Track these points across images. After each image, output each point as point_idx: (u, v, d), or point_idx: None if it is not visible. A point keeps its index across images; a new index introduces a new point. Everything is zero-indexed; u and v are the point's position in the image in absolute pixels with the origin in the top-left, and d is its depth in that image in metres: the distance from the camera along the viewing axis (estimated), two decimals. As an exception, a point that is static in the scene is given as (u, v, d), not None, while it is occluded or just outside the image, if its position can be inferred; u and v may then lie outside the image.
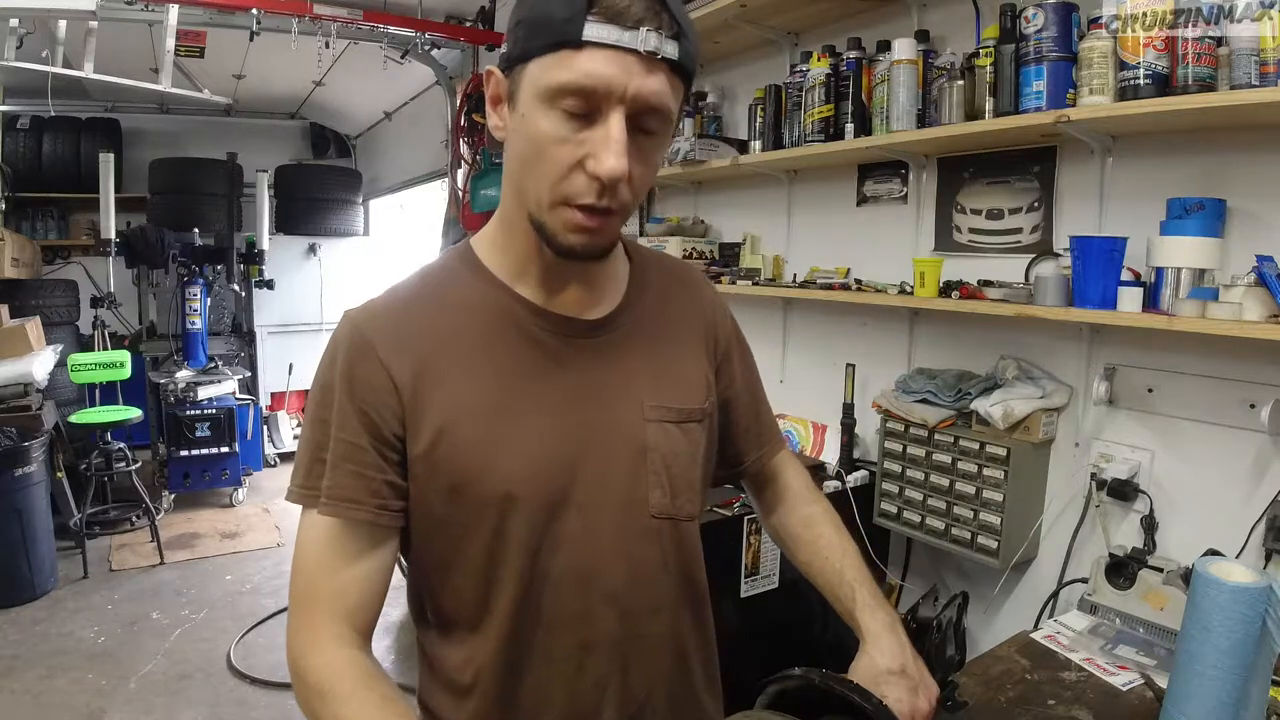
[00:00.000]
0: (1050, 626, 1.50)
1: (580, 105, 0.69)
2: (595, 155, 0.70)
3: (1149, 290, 1.43)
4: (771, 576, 1.83)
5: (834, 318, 2.29)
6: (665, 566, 0.86)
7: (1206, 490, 1.49)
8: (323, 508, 0.76)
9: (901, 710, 0.80)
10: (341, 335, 0.79)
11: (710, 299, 0.99)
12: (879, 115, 1.87)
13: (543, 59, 0.70)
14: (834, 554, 0.96)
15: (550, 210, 0.74)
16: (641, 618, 0.84)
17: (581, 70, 0.68)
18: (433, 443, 0.77)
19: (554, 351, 0.81)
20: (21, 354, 3.85)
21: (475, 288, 0.82)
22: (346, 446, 0.76)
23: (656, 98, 0.70)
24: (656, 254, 0.99)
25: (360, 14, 3.70)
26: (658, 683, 0.86)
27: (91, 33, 3.48)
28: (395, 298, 0.83)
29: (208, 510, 4.77)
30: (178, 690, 2.88)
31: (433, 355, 0.78)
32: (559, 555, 0.79)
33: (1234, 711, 0.95)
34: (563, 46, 0.68)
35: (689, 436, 0.87)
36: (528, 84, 0.71)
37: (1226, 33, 1.27)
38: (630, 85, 0.69)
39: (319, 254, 6.14)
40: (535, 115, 0.71)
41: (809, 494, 1.05)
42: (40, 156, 5.43)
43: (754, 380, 1.04)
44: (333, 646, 0.74)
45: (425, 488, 0.78)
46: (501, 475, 0.77)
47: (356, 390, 0.77)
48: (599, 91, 0.68)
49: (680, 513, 0.86)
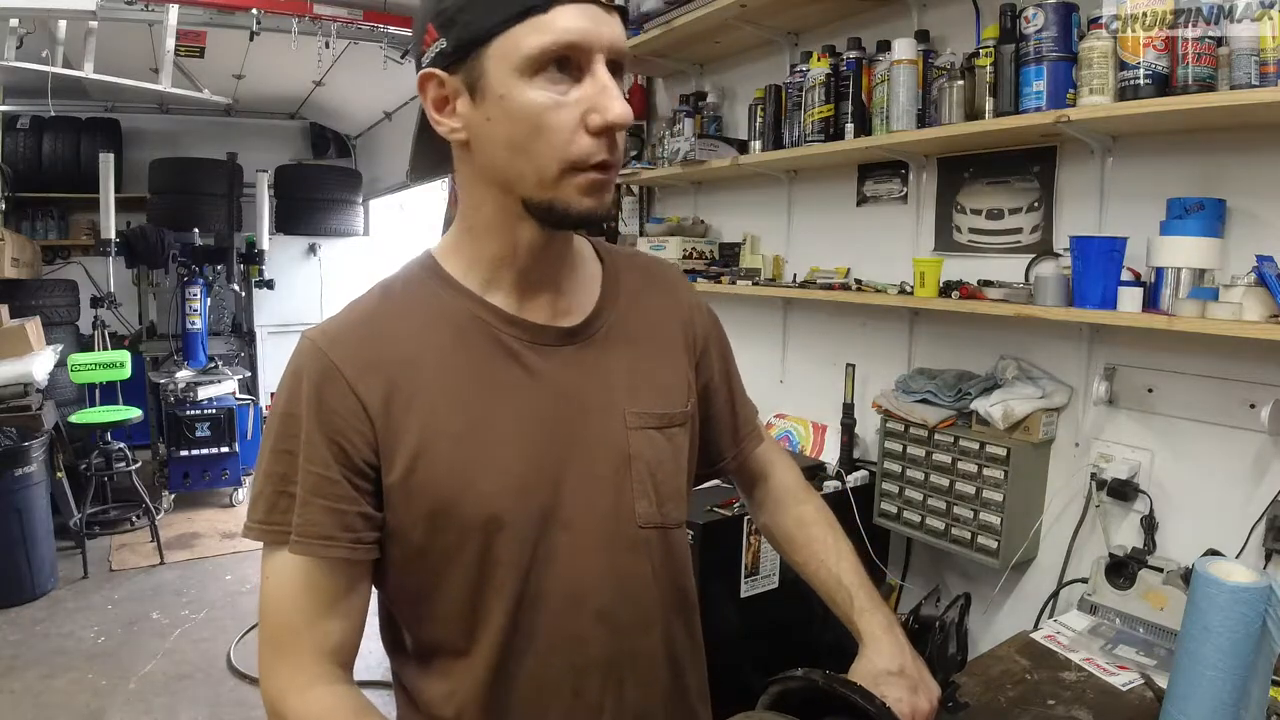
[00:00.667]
0: (1050, 626, 1.50)
1: (562, 65, 0.68)
2: (598, 107, 0.69)
3: (1149, 290, 1.43)
4: (771, 576, 1.83)
5: (834, 318, 2.29)
6: (654, 578, 0.84)
7: (1206, 490, 1.49)
8: (294, 546, 0.72)
9: (903, 710, 0.80)
10: (304, 360, 0.74)
11: (686, 295, 0.96)
12: (879, 115, 1.87)
13: (511, 31, 0.68)
14: (830, 556, 0.95)
15: (558, 182, 0.71)
16: (634, 634, 0.82)
17: (560, 28, 0.67)
18: (409, 469, 0.73)
19: (529, 362, 0.78)
20: (21, 354, 3.85)
21: (442, 299, 0.78)
22: (317, 480, 0.72)
23: (623, 42, 0.72)
24: (627, 254, 0.96)
25: (360, 14, 3.70)
26: (653, 700, 0.85)
27: (91, 33, 3.48)
28: (357, 315, 0.78)
29: (208, 510, 4.77)
30: (178, 690, 2.88)
31: (403, 375, 0.74)
32: (548, 575, 0.77)
33: (1234, 711, 0.96)
34: (531, 13, 0.67)
35: (673, 442, 0.85)
36: (497, 62, 0.69)
37: (1226, 33, 1.26)
38: (604, 33, 0.69)
39: (319, 254, 6.15)
40: (518, 90, 0.68)
41: (801, 492, 1.03)
42: (40, 156, 5.43)
43: (732, 375, 1.01)
44: (318, 685, 0.72)
45: (403, 516, 0.74)
46: (484, 496, 0.74)
47: (325, 418, 0.72)
48: (581, 46, 0.68)
49: (668, 520, 0.84)
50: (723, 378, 0.98)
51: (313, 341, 0.75)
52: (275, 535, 0.73)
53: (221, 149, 5.32)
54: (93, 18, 3.32)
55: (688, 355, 0.92)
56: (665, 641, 0.86)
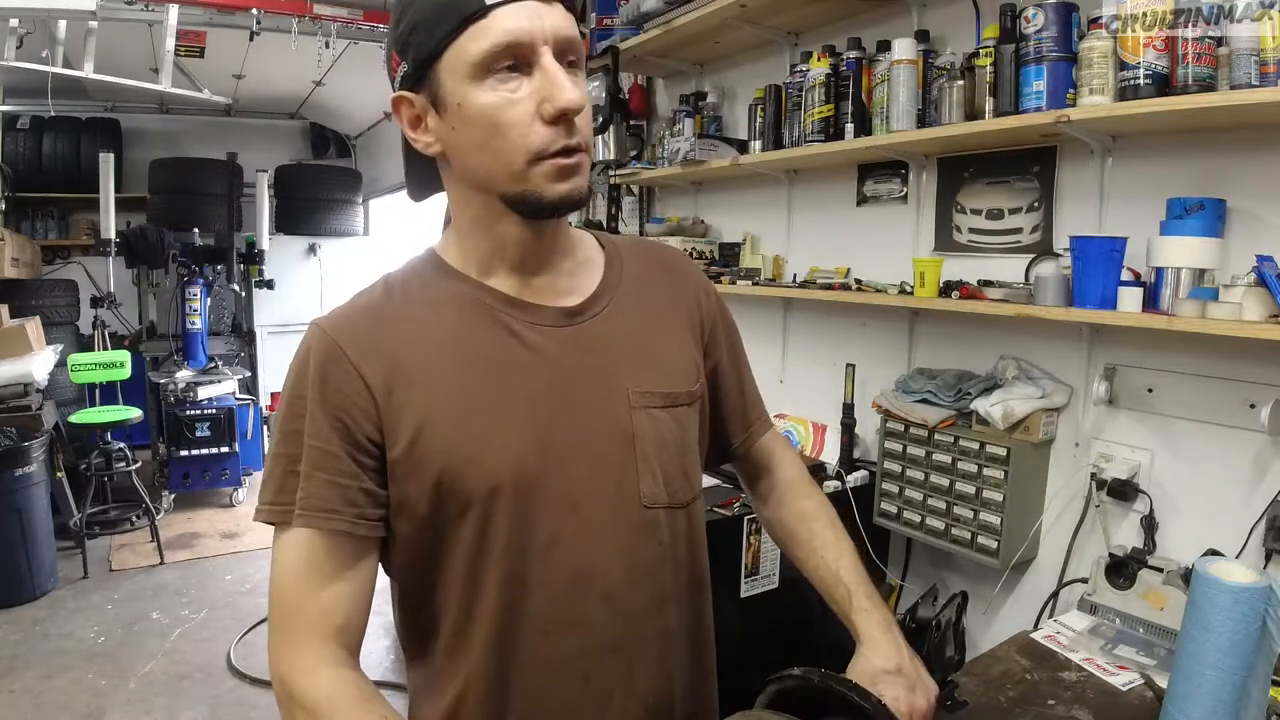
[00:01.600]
0: (1050, 626, 1.50)
1: (509, 63, 0.71)
2: (548, 97, 0.71)
3: (1149, 290, 1.43)
4: (771, 576, 1.83)
5: (834, 318, 2.29)
6: (665, 558, 0.84)
7: (1206, 490, 1.49)
8: (297, 519, 0.74)
9: (900, 709, 0.80)
10: (311, 343, 0.77)
11: (695, 280, 0.97)
12: (879, 115, 1.87)
13: (455, 43, 0.71)
14: (830, 553, 0.95)
15: (526, 173, 0.74)
16: (643, 617, 0.82)
17: (499, 30, 0.70)
18: (412, 441, 0.75)
19: (531, 342, 0.79)
20: (21, 354, 3.85)
21: (444, 286, 0.81)
22: (320, 454, 0.74)
23: (568, 29, 0.73)
24: (632, 241, 0.98)
25: (360, 14, 3.70)
26: (665, 683, 0.85)
27: (91, 33, 3.48)
28: (362, 304, 0.81)
29: (208, 510, 4.77)
30: (178, 690, 2.88)
31: (406, 355, 0.77)
32: (552, 556, 0.77)
33: (1234, 711, 0.95)
34: (471, 20, 0.70)
35: (679, 421, 0.86)
36: (449, 74, 0.72)
37: (1226, 33, 1.26)
38: (545, 26, 0.71)
39: (319, 254, 6.14)
40: (472, 95, 0.72)
41: (804, 487, 1.03)
42: (40, 156, 5.42)
43: (740, 360, 1.02)
44: (324, 668, 0.72)
45: (407, 489, 0.76)
46: (486, 468, 0.75)
47: (329, 397, 0.75)
48: (523, 43, 0.71)
49: (675, 499, 0.85)
50: (731, 361, 0.99)
51: (319, 326, 0.78)
52: (283, 514, 0.75)
53: (221, 149, 5.32)
54: (93, 18, 3.32)
55: (694, 337, 0.92)
56: (677, 623, 0.86)
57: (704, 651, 0.93)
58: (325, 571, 0.74)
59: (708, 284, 0.98)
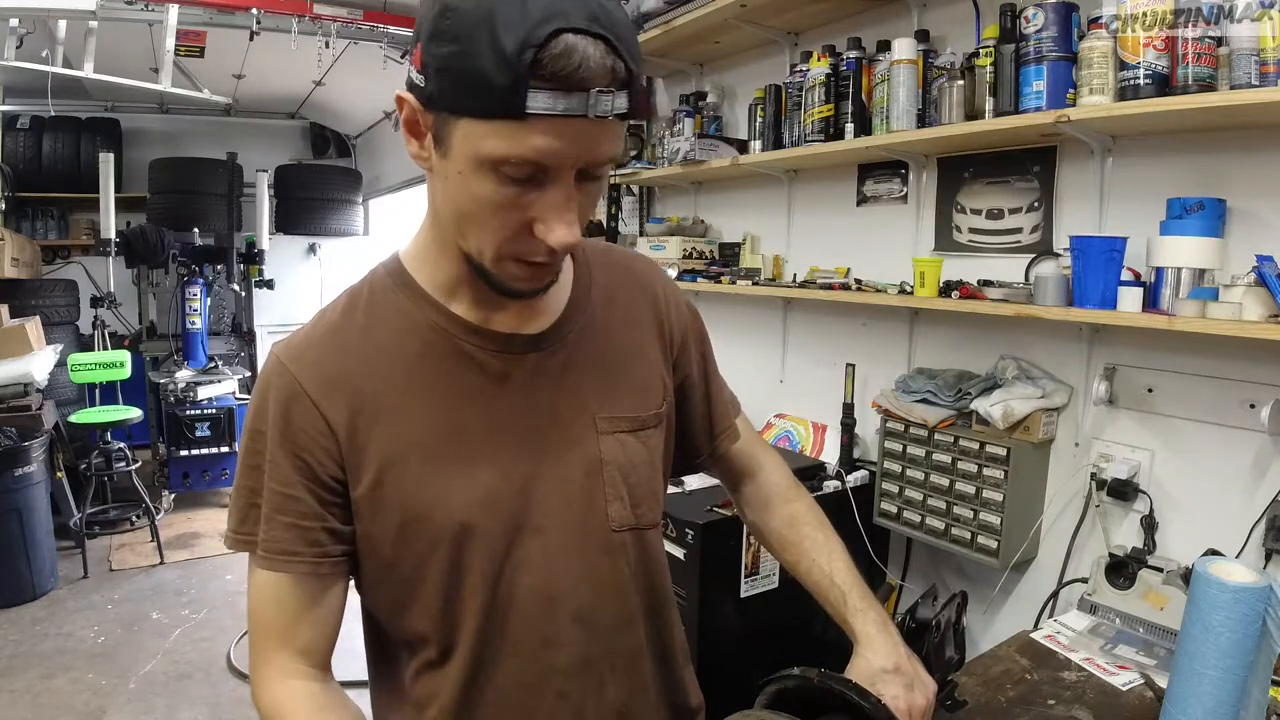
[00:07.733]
0: (1050, 626, 1.50)
1: (526, 174, 0.64)
2: (546, 223, 0.66)
3: (1149, 290, 1.43)
4: (771, 576, 1.83)
5: (834, 318, 2.29)
6: (632, 578, 0.84)
7: (1206, 490, 1.49)
8: (261, 561, 0.75)
9: (899, 707, 0.80)
10: (270, 378, 0.76)
11: (662, 291, 0.93)
12: (879, 115, 1.87)
13: (479, 125, 0.62)
14: (821, 555, 0.94)
15: (495, 264, 0.70)
16: (613, 634, 0.83)
17: (529, 146, 0.61)
18: (376, 481, 0.74)
19: (496, 372, 0.78)
20: (21, 354, 3.85)
21: (406, 310, 0.78)
22: (281, 498, 0.74)
23: (609, 152, 0.66)
24: (600, 249, 0.93)
25: (360, 14, 3.70)
26: (636, 698, 0.85)
27: (91, 33, 3.49)
28: (322, 328, 0.78)
29: (208, 510, 4.77)
30: (178, 690, 2.88)
31: (368, 390, 0.75)
32: (521, 581, 0.77)
33: (1234, 711, 0.95)
34: (505, 117, 0.60)
35: (646, 444, 0.85)
36: (461, 144, 0.64)
37: (1226, 33, 1.26)
38: (580, 152, 0.63)
39: (319, 254, 6.15)
40: (473, 180, 0.65)
41: (790, 490, 1.02)
42: (40, 156, 5.43)
43: (710, 372, 0.99)
44: (288, 679, 0.75)
45: (371, 528, 0.76)
46: (454, 507, 0.75)
47: (291, 436, 0.74)
48: (548, 165, 0.64)
49: (642, 522, 0.85)
50: (700, 374, 0.97)
51: (278, 359, 0.77)
52: (248, 544, 0.77)
53: (221, 149, 5.32)
54: (93, 18, 3.32)
55: (663, 353, 0.91)
56: (646, 639, 0.86)
57: (678, 666, 0.93)
58: (290, 607, 0.76)
59: (678, 294, 0.96)
